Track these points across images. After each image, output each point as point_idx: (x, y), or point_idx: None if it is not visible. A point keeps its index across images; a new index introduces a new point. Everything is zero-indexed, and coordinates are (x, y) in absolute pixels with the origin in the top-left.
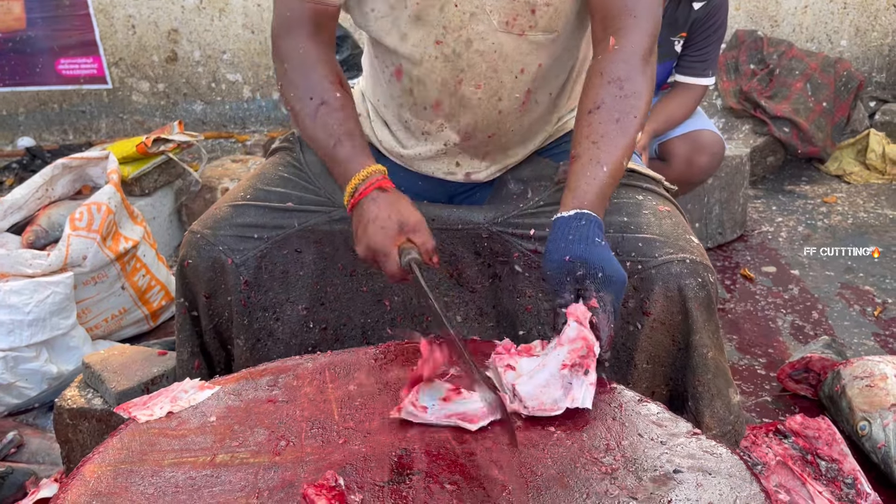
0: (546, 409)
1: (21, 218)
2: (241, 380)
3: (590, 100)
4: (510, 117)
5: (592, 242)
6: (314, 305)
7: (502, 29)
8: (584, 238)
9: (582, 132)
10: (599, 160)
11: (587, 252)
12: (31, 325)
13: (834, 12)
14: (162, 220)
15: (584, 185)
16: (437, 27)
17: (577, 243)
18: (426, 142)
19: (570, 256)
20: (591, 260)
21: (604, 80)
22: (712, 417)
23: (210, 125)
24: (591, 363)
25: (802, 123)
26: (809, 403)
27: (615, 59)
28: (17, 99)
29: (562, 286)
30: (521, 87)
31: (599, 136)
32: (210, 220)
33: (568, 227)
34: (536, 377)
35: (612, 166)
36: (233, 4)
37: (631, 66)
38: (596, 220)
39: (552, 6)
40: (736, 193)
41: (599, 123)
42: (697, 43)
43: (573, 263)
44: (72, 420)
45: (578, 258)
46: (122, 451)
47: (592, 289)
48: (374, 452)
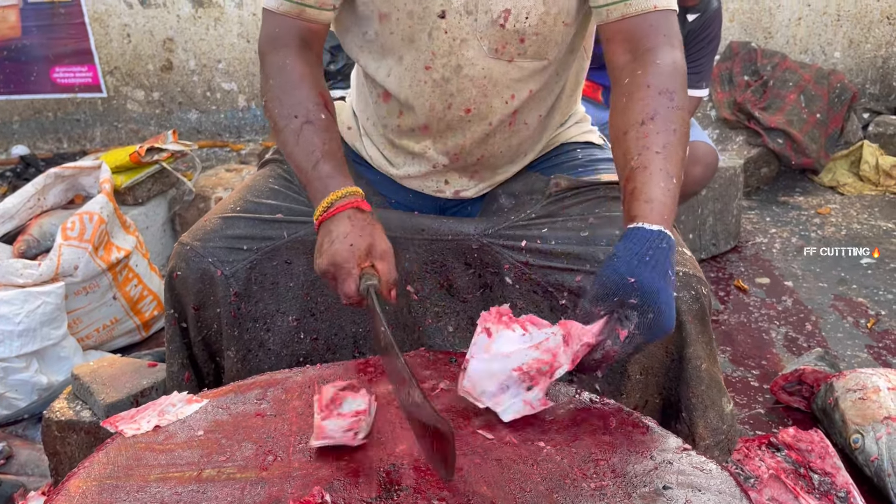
0: (473, 397)
1: (12, 227)
2: (229, 393)
3: (641, 110)
4: (498, 139)
5: (665, 275)
6: (305, 316)
7: (492, 55)
8: (659, 265)
9: (640, 142)
10: (669, 171)
11: (656, 285)
12: (21, 335)
13: (827, 24)
14: (155, 229)
15: (662, 197)
16: (427, 52)
17: (650, 269)
18: (414, 162)
19: (636, 280)
20: (653, 296)
21: (652, 91)
22: (706, 428)
23: (205, 134)
24: (542, 383)
25: (796, 135)
26: (803, 416)
27: (660, 73)
28: (12, 107)
29: (603, 301)
30: (510, 110)
31: (662, 146)
32: (199, 231)
33: (647, 245)
34: (492, 363)
35: (679, 179)
36: (228, 14)
37: (677, 81)
38: (675, 247)
39: (541, 35)
40: (730, 205)
41: (658, 133)
42: (691, 55)
43: (632, 290)
44: (60, 432)
45: (644, 288)
46: (108, 466)
47: (634, 321)
48: (362, 468)
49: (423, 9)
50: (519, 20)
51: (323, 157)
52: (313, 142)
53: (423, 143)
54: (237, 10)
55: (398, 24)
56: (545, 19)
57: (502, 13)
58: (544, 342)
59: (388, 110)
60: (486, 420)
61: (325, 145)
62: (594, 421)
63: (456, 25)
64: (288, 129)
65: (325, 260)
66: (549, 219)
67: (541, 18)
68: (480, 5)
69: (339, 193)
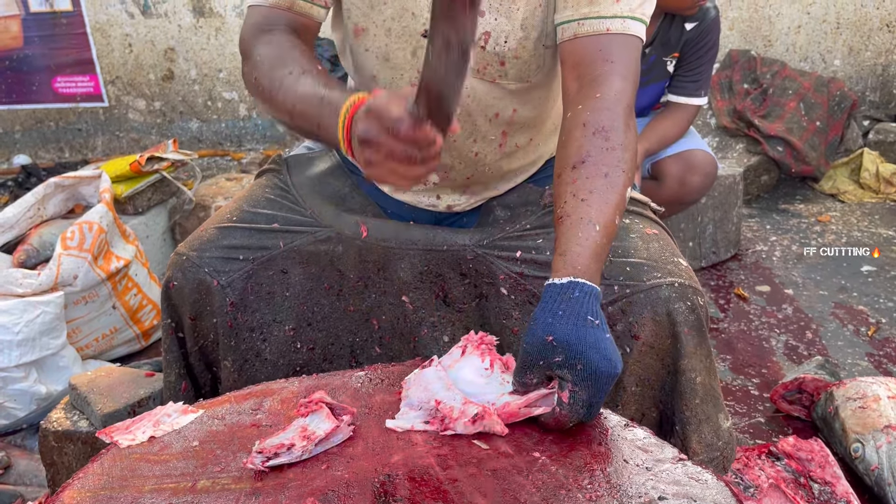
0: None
1: (12, 237)
2: (224, 403)
3: (573, 153)
4: (488, 159)
5: (583, 322)
6: (301, 326)
7: (474, 75)
8: (574, 315)
9: (567, 189)
10: (591, 218)
11: (574, 335)
12: (20, 344)
13: (827, 32)
14: (155, 238)
15: (576, 248)
16: (410, 70)
17: (564, 321)
18: None
19: (553, 337)
20: (574, 347)
21: (587, 131)
22: (699, 443)
23: (206, 143)
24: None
25: (796, 142)
26: (803, 424)
27: (598, 108)
28: (14, 117)
29: (531, 369)
30: (496, 130)
31: (588, 192)
32: (196, 241)
33: (559, 299)
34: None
35: (605, 225)
36: (229, 23)
37: (615, 116)
38: (593, 291)
39: (521, 59)
40: (729, 213)
41: (587, 178)
42: (690, 63)
43: (553, 348)
44: (57, 442)
45: (562, 342)
46: (103, 477)
47: (570, 379)
48: (357, 478)
49: (403, 27)
50: (498, 43)
51: (327, 88)
52: (314, 83)
53: None
54: (238, 20)
55: (374, 41)
56: (524, 44)
57: (482, 35)
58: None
59: None
60: (481, 431)
61: (328, 84)
62: (590, 431)
63: None
64: (284, 85)
65: (362, 119)
66: (544, 229)
67: (520, 43)
68: None
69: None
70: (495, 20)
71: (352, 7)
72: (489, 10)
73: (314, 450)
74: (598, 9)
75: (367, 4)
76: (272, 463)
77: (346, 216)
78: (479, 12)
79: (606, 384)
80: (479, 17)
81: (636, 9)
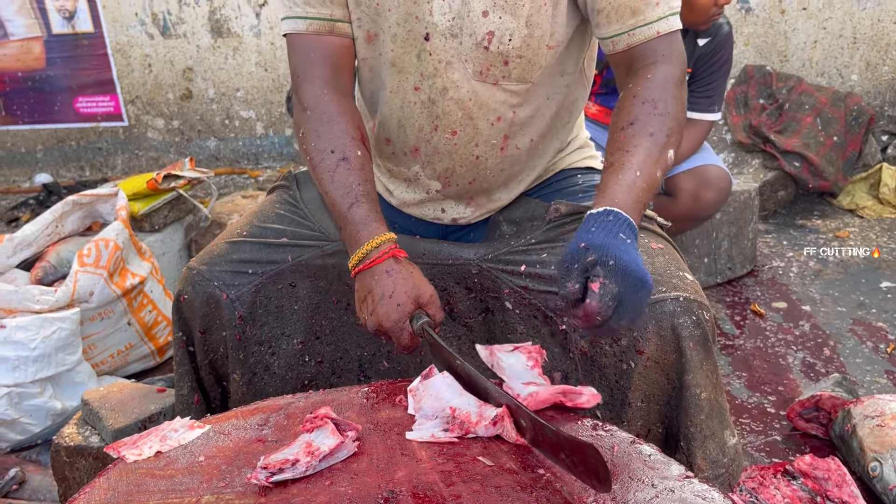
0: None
1: (31, 254)
2: (231, 419)
3: (623, 118)
4: (489, 163)
5: (615, 236)
6: (310, 339)
7: (476, 78)
8: (606, 231)
9: (615, 145)
10: (632, 166)
11: (605, 241)
12: (36, 360)
13: (844, 47)
14: (172, 255)
15: (615, 186)
16: (416, 74)
17: (597, 233)
18: (409, 189)
19: (585, 243)
20: (606, 248)
21: (637, 101)
22: (704, 459)
23: (223, 161)
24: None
25: (813, 158)
26: (820, 443)
27: (648, 85)
28: (36, 136)
29: (567, 274)
30: (498, 133)
31: (633, 146)
32: (206, 256)
33: (593, 222)
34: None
35: (646, 173)
36: (246, 43)
37: (664, 90)
38: (626, 220)
39: (524, 58)
40: (745, 228)
41: (633, 136)
42: (703, 79)
43: (586, 251)
44: (69, 458)
45: (594, 245)
46: (109, 492)
47: (600, 274)
48: (360, 494)
49: (408, 31)
50: (503, 42)
51: (357, 199)
52: (348, 182)
53: (414, 169)
54: (255, 40)
55: (385, 45)
56: (528, 42)
57: (486, 35)
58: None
59: (380, 132)
60: (486, 446)
61: (360, 186)
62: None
63: (441, 48)
64: (323, 166)
65: (373, 322)
66: (549, 244)
67: (524, 41)
68: (465, 28)
69: (373, 243)
70: (500, 18)
71: (362, 16)
72: (493, 8)
73: (318, 465)
74: (643, 17)
75: (374, 11)
76: (276, 478)
77: None
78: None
79: (636, 286)
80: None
81: (674, 4)
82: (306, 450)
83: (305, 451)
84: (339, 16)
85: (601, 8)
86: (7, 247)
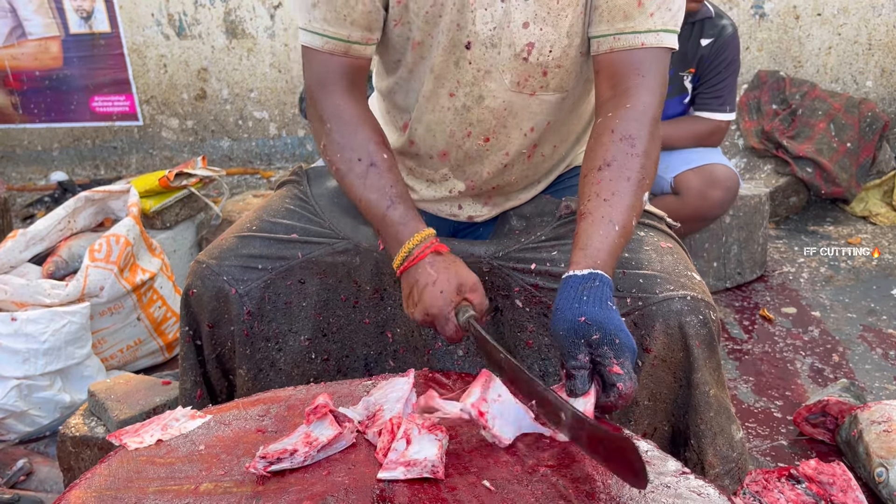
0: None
1: (43, 249)
2: (232, 409)
3: (599, 156)
4: (515, 169)
5: (606, 306)
6: (316, 336)
7: (513, 89)
8: (598, 300)
9: (591, 189)
10: (611, 218)
11: (603, 316)
12: (46, 353)
13: (859, 53)
14: (182, 252)
15: (597, 244)
16: (452, 80)
17: (591, 305)
18: (430, 187)
19: (585, 318)
20: (607, 325)
21: (615, 137)
22: (715, 455)
23: (236, 161)
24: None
25: (825, 163)
26: (827, 448)
27: (627, 118)
28: (52, 135)
29: (576, 348)
30: (528, 142)
31: (610, 193)
32: (216, 250)
33: (581, 287)
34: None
35: (623, 225)
36: (261, 45)
37: (642, 126)
38: (609, 282)
39: (563, 67)
40: (755, 233)
41: (610, 181)
42: (710, 80)
43: (589, 326)
44: (74, 448)
45: (594, 321)
46: (109, 478)
47: (611, 355)
48: (357, 484)
49: (450, 39)
50: (542, 53)
51: (392, 201)
52: (381, 185)
53: (443, 171)
54: (269, 41)
55: (430, 51)
56: (567, 52)
57: (525, 47)
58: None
59: (409, 135)
60: (481, 439)
61: (393, 188)
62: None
63: (480, 57)
64: (353, 174)
65: (420, 312)
66: (559, 241)
67: (563, 51)
68: (504, 39)
69: (415, 240)
70: (540, 30)
71: (412, 23)
72: (534, 20)
73: (317, 456)
74: (633, 24)
75: (423, 20)
76: (274, 468)
77: (364, 228)
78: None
79: (634, 357)
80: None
81: (669, 21)
82: (305, 440)
83: (304, 441)
84: (357, 38)
85: (598, 4)
86: (20, 241)
